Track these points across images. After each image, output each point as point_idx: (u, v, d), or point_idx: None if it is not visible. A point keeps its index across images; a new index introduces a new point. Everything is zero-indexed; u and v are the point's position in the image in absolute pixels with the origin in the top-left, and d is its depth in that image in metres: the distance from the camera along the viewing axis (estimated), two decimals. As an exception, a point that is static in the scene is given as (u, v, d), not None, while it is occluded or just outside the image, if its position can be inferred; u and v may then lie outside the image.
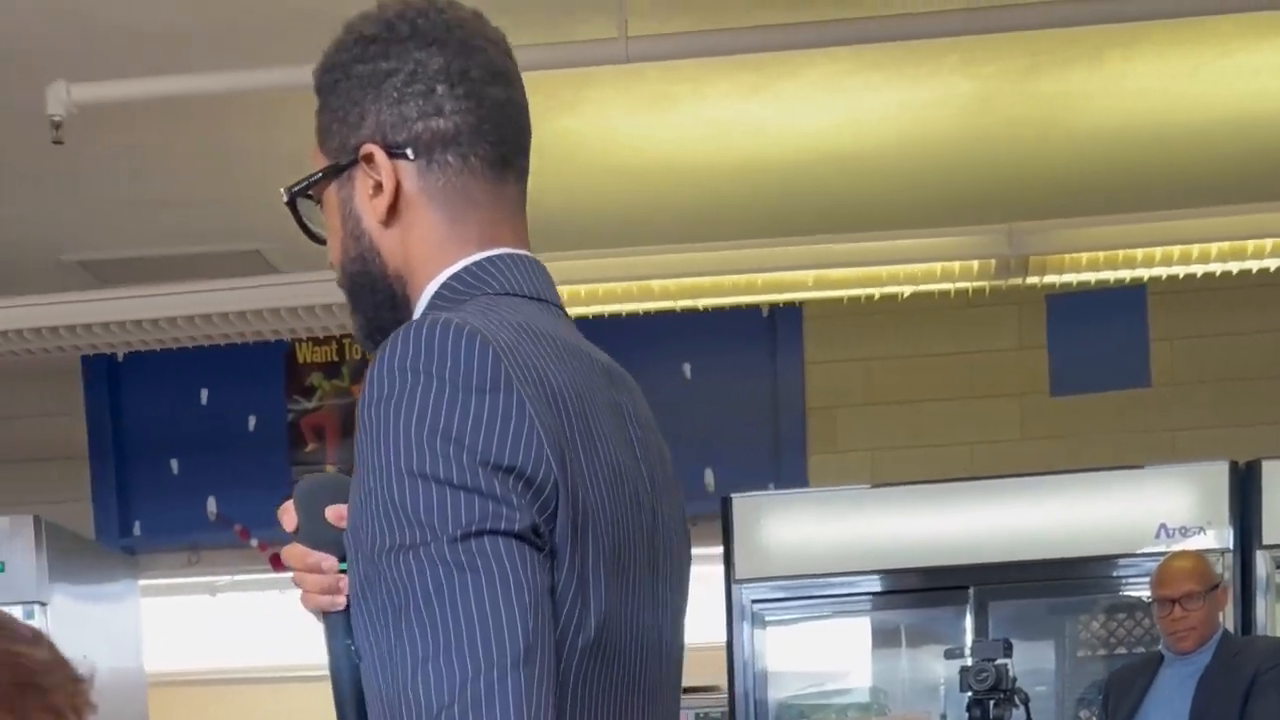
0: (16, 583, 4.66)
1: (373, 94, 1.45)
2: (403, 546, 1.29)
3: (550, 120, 4.03)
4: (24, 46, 3.60)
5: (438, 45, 1.45)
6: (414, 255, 1.47)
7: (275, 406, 5.53)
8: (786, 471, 5.48)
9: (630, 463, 1.44)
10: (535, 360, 1.36)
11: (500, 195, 1.49)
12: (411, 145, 1.45)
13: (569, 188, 4.45)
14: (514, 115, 1.50)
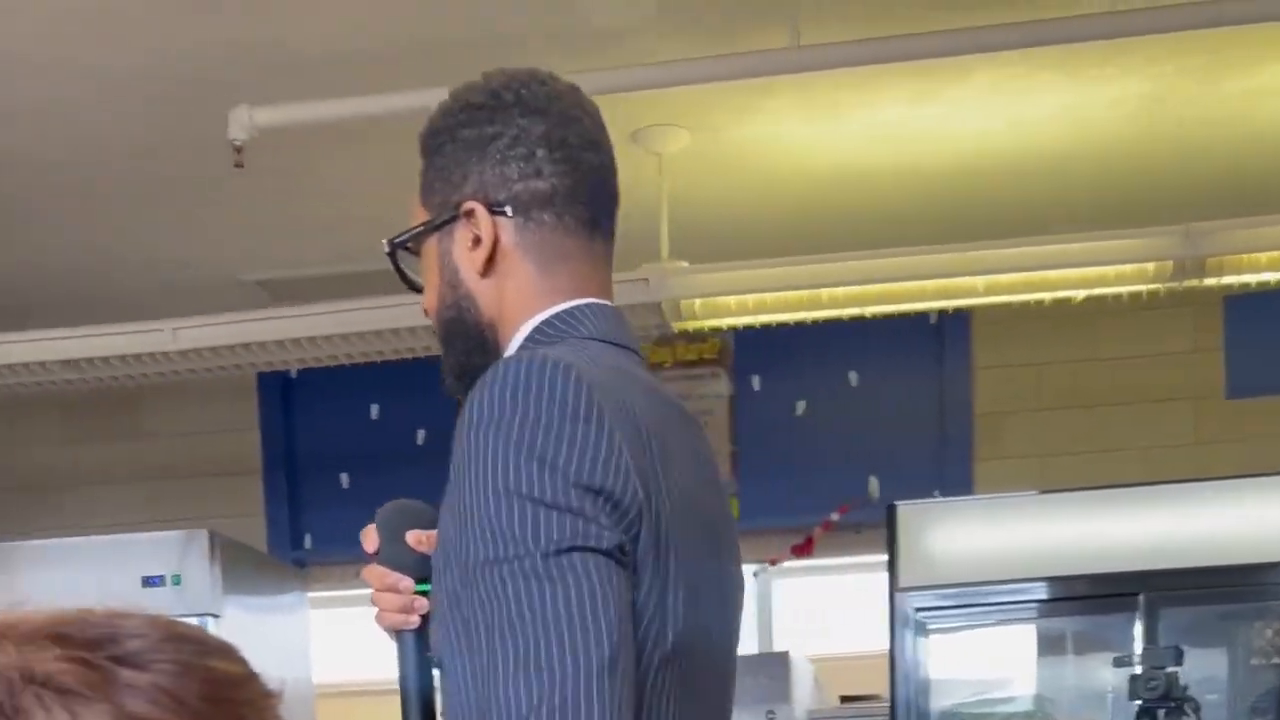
0: (191, 595, 4.75)
1: (477, 155, 1.58)
2: (497, 560, 1.40)
3: (721, 131, 4.05)
4: (206, 73, 3.69)
5: (540, 114, 1.58)
6: (507, 304, 1.60)
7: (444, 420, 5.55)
8: (952, 478, 5.42)
9: (700, 492, 1.57)
10: (622, 395, 1.47)
11: (590, 251, 1.62)
12: (511, 203, 1.58)
13: (738, 198, 4.46)
14: (605, 180, 1.64)
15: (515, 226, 1.59)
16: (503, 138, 1.58)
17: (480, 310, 1.62)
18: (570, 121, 1.61)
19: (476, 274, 1.61)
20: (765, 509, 5.40)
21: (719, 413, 5.41)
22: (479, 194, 1.59)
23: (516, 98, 1.59)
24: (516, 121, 1.58)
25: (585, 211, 1.62)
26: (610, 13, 3.45)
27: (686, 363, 5.41)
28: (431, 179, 1.63)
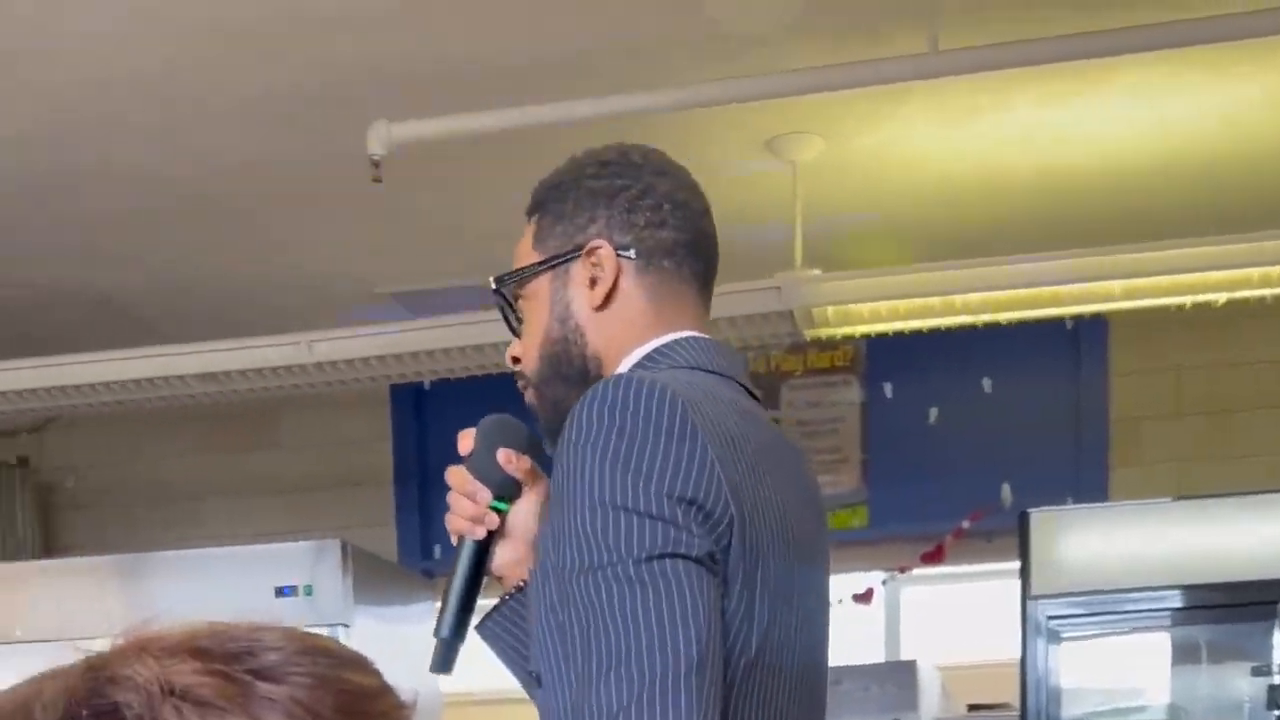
0: (323, 605, 4.79)
1: (604, 203, 1.72)
2: (593, 567, 1.48)
3: (855, 137, 4.02)
4: (344, 90, 3.73)
5: (667, 176, 1.75)
6: (615, 337, 1.71)
7: (573, 430, 5.59)
8: (1086, 485, 5.35)
9: (795, 509, 1.65)
10: (715, 414, 1.56)
11: (697, 301, 1.75)
12: (635, 247, 1.71)
13: (872, 204, 4.43)
14: (714, 247, 1.78)
15: (636, 269, 1.71)
16: (632, 189, 1.72)
17: (587, 344, 1.72)
18: (690, 189, 1.77)
19: (590, 309, 1.71)
20: (895, 516, 5.37)
21: (850, 420, 5.38)
22: (604, 235, 1.71)
23: (644, 158, 1.76)
24: (645, 178, 1.73)
25: (700, 266, 1.75)
26: (747, 20, 3.44)
27: (818, 370, 5.38)
28: (551, 224, 1.76)
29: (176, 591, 4.89)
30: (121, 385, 4.72)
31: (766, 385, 5.41)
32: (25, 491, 5.91)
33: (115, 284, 4.99)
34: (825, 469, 5.40)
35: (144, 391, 4.75)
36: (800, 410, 5.41)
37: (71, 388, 4.72)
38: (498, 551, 1.74)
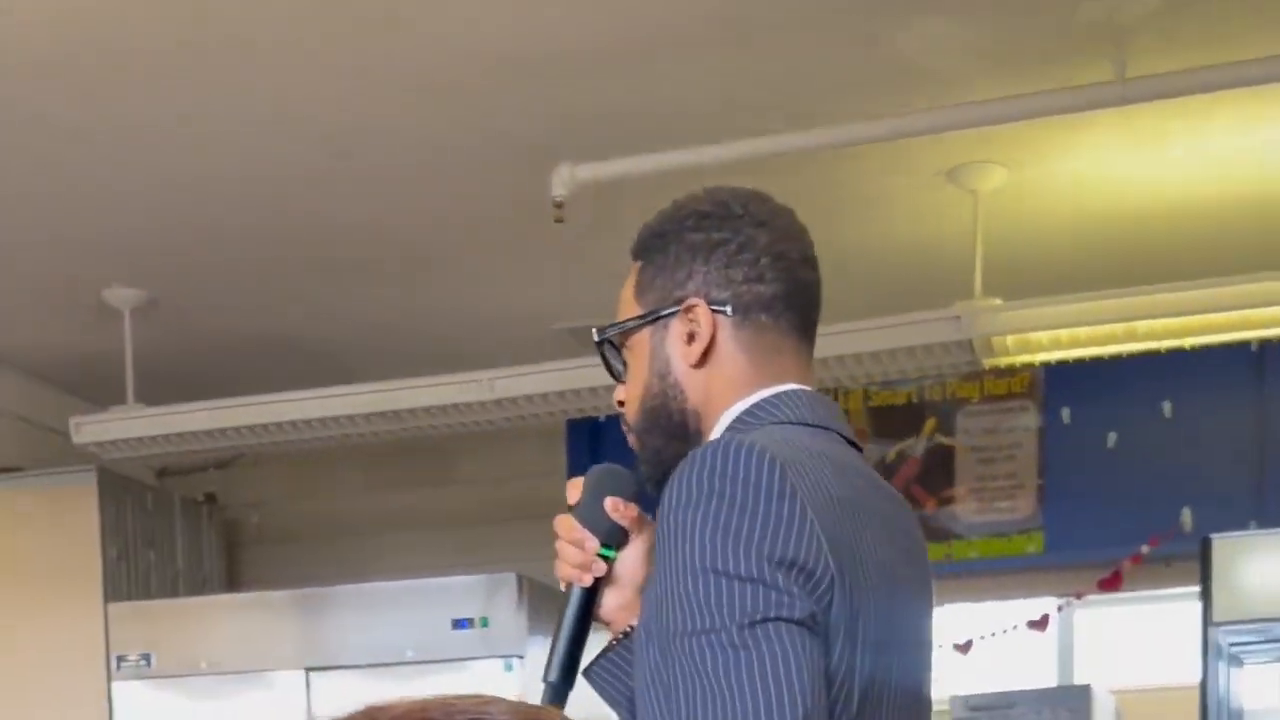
0: (498, 637, 4.84)
1: (703, 257, 1.70)
2: (697, 631, 1.49)
3: (1039, 166, 4.00)
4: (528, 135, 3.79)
5: (764, 226, 1.71)
6: (714, 393, 1.71)
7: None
8: (1271, 509, 5.24)
9: (896, 558, 1.66)
10: (813, 473, 1.57)
11: (797, 352, 1.74)
12: (732, 303, 1.70)
13: (1054, 232, 4.40)
14: (814, 295, 1.76)
15: (733, 324, 1.71)
16: (730, 244, 1.70)
17: (687, 399, 1.73)
18: (790, 238, 1.73)
19: (688, 366, 1.72)
20: (1072, 542, 5.31)
21: (1027, 446, 5.33)
22: (701, 292, 1.71)
23: (744, 209, 1.72)
24: (744, 231, 1.71)
25: (797, 318, 1.73)
26: (930, 53, 3.44)
27: (995, 396, 5.34)
28: (652, 276, 1.74)
29: (355, 624, 4.98)
30: (306, 424, 4.83)
31: (942, 412, 5.38)
32: (211, 527, 6.04)
33: (305, 327, 5.11)
34: (1001, 495, 5.36)
35: (328, 430, 4.85)
36: (976, 437, 5.37)
37: (259, 426, 4.83)
38: (605, 598, 1.77)
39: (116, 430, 4.88)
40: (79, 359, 5.32)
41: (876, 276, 4.69)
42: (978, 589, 5.48)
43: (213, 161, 3.96)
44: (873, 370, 4.31)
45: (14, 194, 4.11)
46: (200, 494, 6.05)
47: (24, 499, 5.48)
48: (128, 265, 4.62)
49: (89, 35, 3.33)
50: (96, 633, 5.35)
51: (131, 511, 5.59)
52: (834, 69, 3.51)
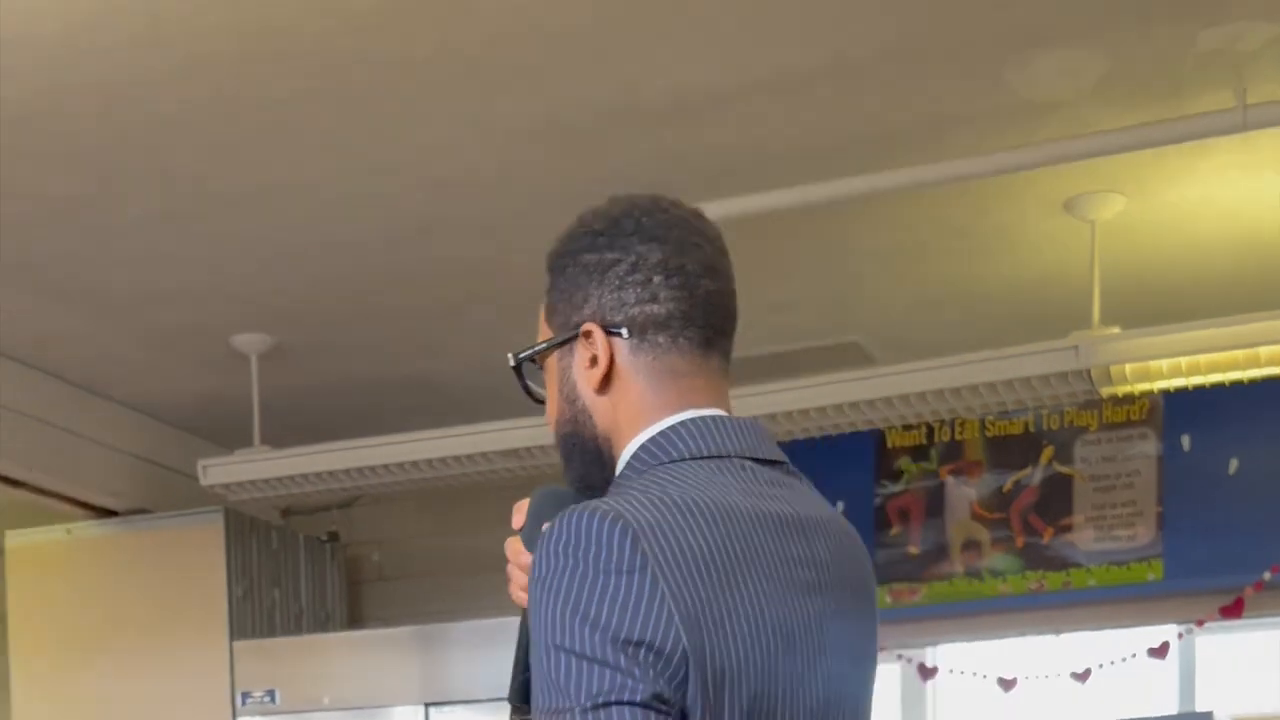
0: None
1: (597, 279, 1.68)
2: (551, 710, 1.51)
3: (1157, 194, 3.99)
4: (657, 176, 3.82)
5: (658, 241, 1.67)
6: (620, 419, 1.69)
7: (863, 492, 5.61)
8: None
9: (788, 610, 1.62)
10: (679, 532, 1.55)
11: (703, 368, 1.70)
12: (627, 325, 1.67)
13: (1173, 260, 4.38)
14: (720, 304, 1.70)
15: (630, 347, 1.68)
16: (621, 264, 1.67)
17: (596, 425, 1.71)
18: (688, 248, 1.68)
19: (593, 391, 1.70)
20: (1192, 569, 5.26)
21: (1146, 473, 5.30)
22: (596, 316, 1.68)
23: (636, 225, 1.68)
24: (635, 249, 1.67)
25: (699, 333, 1.69)
26: (1048, 86, 3.45)
27: (1114, 424, 5.31)
28: (555, 299, 1.73)
29: (475, 660, 5.03)
30: (428, 463, 4.89)
31: (1060, 441, 5.37)
32: (334, 565, 6.13)
33: (425, 368, 5.18)
34: (1120, 523, 5.33)
35: (448, 469, 4.91)
36: (1094, 465, 5.35)
37: (382, 467, 4.91)
38: None
39: (243, 472, 4.97)
40: (207, 403, 5.43)
41: (994, 307, 4.70)
42: (1096, 617, 5.45)
43: (335, 211, 4.05)
44: (990, 401, 4.31)
45: (145, 246, 4.22)
46: (323, 532, 6.13)
47: (153, 540, 5.59)
48: (255, 312, 4.72)
49: (212, 92, 3.41)
50: (222, 670, 5.45)
51: (257, 551, 5.69)
52: (952, 104, 3.53)
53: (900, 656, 5.66)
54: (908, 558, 5.59)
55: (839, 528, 1.77)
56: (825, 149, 3.71)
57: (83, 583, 5.67)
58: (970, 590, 5.51)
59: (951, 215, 4.11)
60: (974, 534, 5.50)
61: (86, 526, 5.67)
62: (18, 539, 5.76)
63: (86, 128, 3.54)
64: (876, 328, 4.87)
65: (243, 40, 3.19)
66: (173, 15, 3.09)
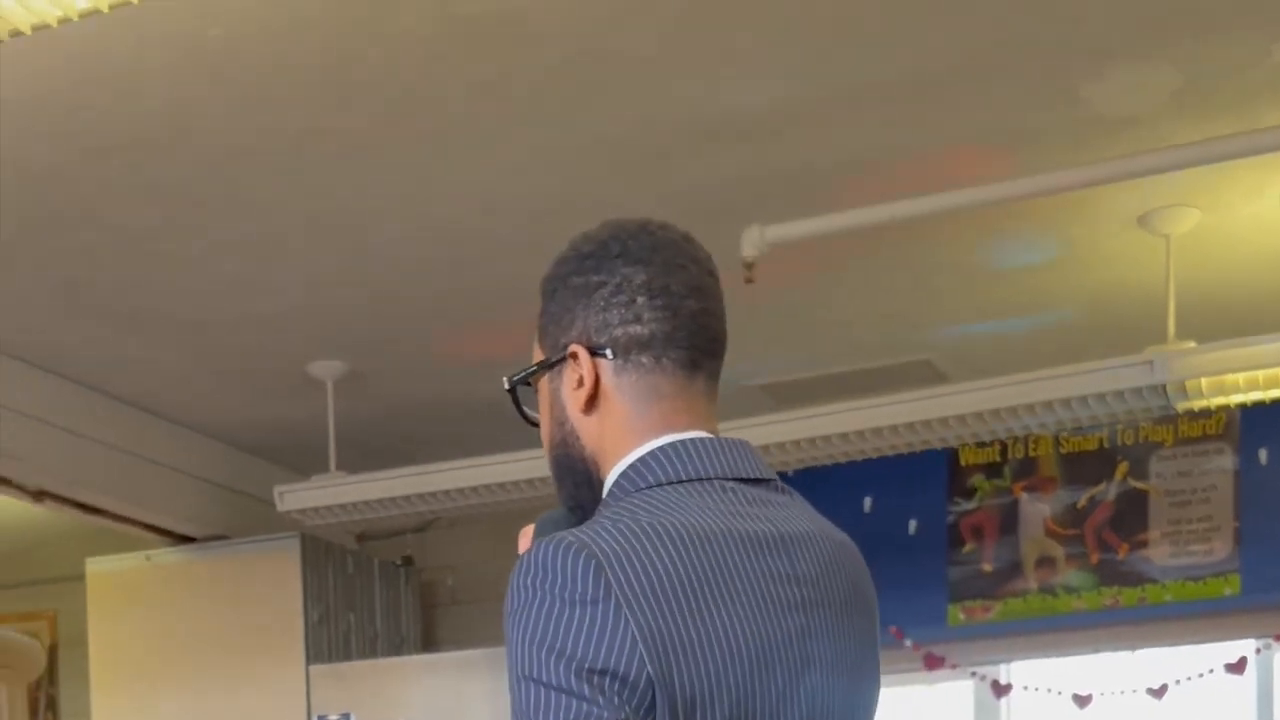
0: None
1: (584, 302, 1.71)
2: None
3: (1233, 208, 3.97)
4: (716, 197, 3.84)
5: (642, 264, 1.69)
6: (606, 440, 1.71)
7: (936, 509, 5.60)
8: None
9: (767, 629, 1.62)
10: (646, 559, 1.56)
11: (688, 389, 1.70)
12: (611, 347, 1.69)
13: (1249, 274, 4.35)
14: (706, 325, 1.71)
15: (614, 368, 1.70)
16: (606, 286, 1.70)
17: (584, 445, 1.74)
18: (673, 270, 1.70)
19: (580, 411, 1.72)
20: (1269, 584, 5.22)
21: (1223, 488, 5.26)
22: (582, 338, 1.71)
23: (622, 248, 1.71)
24: (620, 270, 1.70)
25: (683, 354, 1.70)
26: (1123, 101, 3.44)
27: (1189, 439, 5.28)
28: (545, 322, 1.77)
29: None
30: (500, 487, 4.92)
31: (1135, 456, 5.33)
32: (409, 589, 6.16)
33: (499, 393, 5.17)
34: (1197, 538, 5.29)
35: (521, 492, 4.93)
36: (1170, 480, 5.31)
37: (456, 491, 4.93)
38: None
39: (319, 498, 5.01)
40: (283, 430, 5.47)
41: (1069, 323, 4.68)
42: (1172, 633, 5.41)
43: (408, 237, 4.08)
44: (1065, 418, 4.29)
45: (222, 275, 4.27)
46: (398, 557, 6.17)
47: (231, 565, 5.65)
48: (330, 339, 4.76)
49: (285, 122, 3.45)
50: (299, 694, 5.49)
51: (332, 575, 5.73)
52: (1026, 119, 3.52)
53: (974, 674, 5.64)
54: (981, 575, 5.56)
55: (831, 543, 1.76)
56: (897, 167, 3.71)
57: (161, 608, 5.72)
58: (1044, 607, 5.48)
59: (1024, 230, 4.09)
60: (1048, 550, 5.48)
61: (165, 553, 5.73)
62: (98, 566, 5.83)
63: (163, 158, 3.59)
64: (948, 345, 4.86)
65: (314, 71, 3.23)
66: (247, 48, 3.13)
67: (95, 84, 3.25)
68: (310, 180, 3.74)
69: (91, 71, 3.20)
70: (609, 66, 3.27)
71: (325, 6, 3.00)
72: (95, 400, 5.11)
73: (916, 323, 4.69)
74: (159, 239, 4.02)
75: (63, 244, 4.03)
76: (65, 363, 4.86)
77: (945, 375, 4.99)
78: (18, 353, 4.77)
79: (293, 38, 3.11)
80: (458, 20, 3.06)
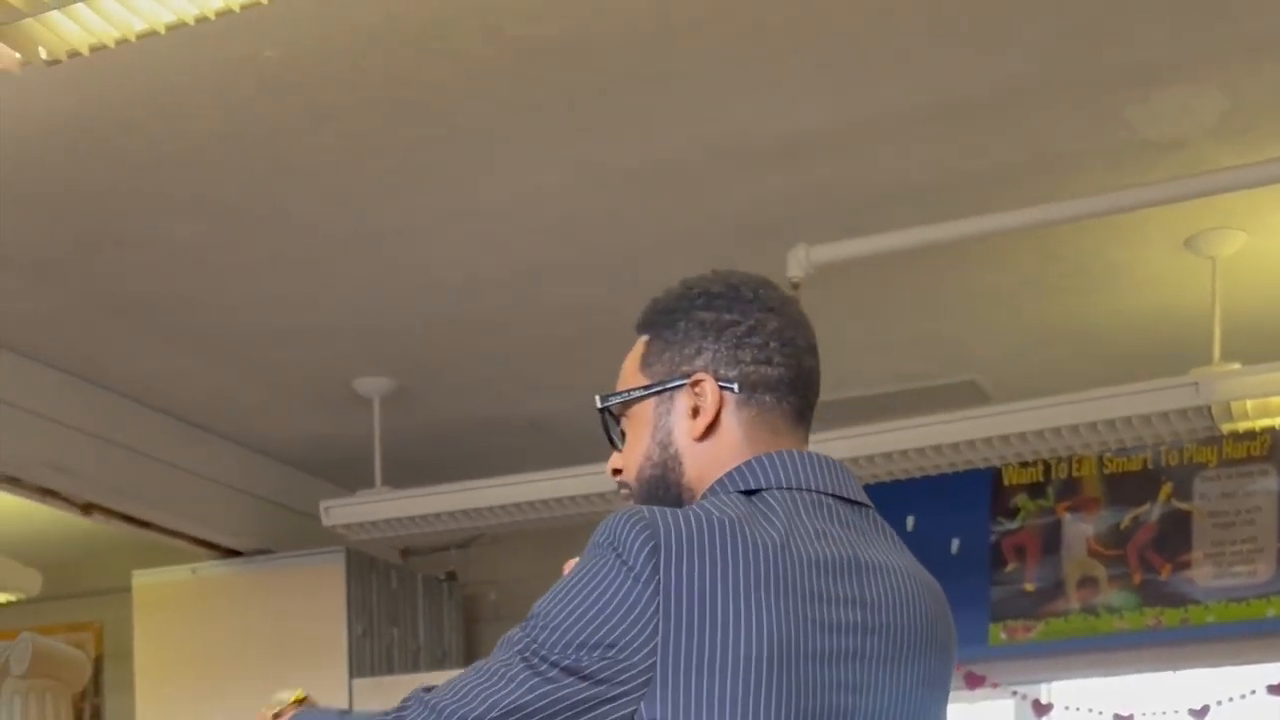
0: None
1: (713, 335, 1.74)
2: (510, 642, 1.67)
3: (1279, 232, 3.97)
4: (761, 218, 3.86)
5: (774, 312, 1.75)
6: (708, 467, 1.75)
7: (979, 529, 5.59)
8: None
9: (810, 645, 1.63)
10: (704, 553, 1.59)
11: (793, 435, 1.76)
12: (739, 381, 1.73)
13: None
14: (815, 382, 1.79)
15: (737, 403, 1.74)
16: (740, 325, 1.74)
17: (684, 472, 1.77)
18: (797, 326, 1.77)
19: (691, 439, 1.76)
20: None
21: (1267, 509, 5.24)
22: (710, 368, 1.75)
23: (755, 295, 1.76)
24: (754, 314, 1.75)
25: (798, 401, 1.77)
26: (1168, 124, 3.44)
27: (1233, 461, 5.26)
28: (660, 349, 1.78)
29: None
30: (544, 504, 4.93)
31: (1179, 477, 5.32)
32: (452, 604, 6.18)
33: (542, 409, 5.23)
34: (1241, 559, 5.27)
35: (564, 509, 4.95)
36: (1214, 502, 5.29)
37: (499, 507, 4.95)
38: None
39: (364, 513, 5.04)
40: (329, 445, 5.51)
41: (1115, 345, 4.67)
42: (1215, 654, 5.38)
43: (451, 256, 4.12)
44: (1109, 438, 4.28)
45: (270, 293, 4.31)
46: (441, 572, 6.20)
47: (276, 579, 5.68)
48: (376, 355, 4.79)
49: (333, 140, 3.49)
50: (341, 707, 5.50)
51: (376, 590, 5.76)
52: (1072, 142, 3.53)
53: (1015, 693, 5.62)
54: (1023, 594, 5.55)
55: (913, 579, 1.78)
56: (941, 189, 3.72)
57: (207, 621, 5.76)
58: (1086, 626, 5.47)
59: (1069, 253, 4.09)
60: (1091, 570, 5.46)
61: (211, 566, 5.77)
62: (144, 578, 5.88)
63: (211, 175, 3.63)
64: (993, 366, 4.86)
65: (362, 89, 3.26)
66: (299, 68, 3.17)
67: (146, 104, 3.29)
68: (359, 198, 3.77)
69: (143, 91, 3.24)
70: (657, 89, 3.29)
71: (378, 28, 3.03)
72: (143, 415, 5.16)
73: (961, 343, 4.70)
74: (208, 255, 4.06)
75: (113, 260, 4.07)
76: (114, 377, 4.90)
77: (989, 396, 4.99)
78: (67, 367, 4.82)
79: (345, 58, 3.14)
80: (509, 41, 3.09)
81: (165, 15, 2.55)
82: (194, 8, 2.53)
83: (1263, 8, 3.01)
